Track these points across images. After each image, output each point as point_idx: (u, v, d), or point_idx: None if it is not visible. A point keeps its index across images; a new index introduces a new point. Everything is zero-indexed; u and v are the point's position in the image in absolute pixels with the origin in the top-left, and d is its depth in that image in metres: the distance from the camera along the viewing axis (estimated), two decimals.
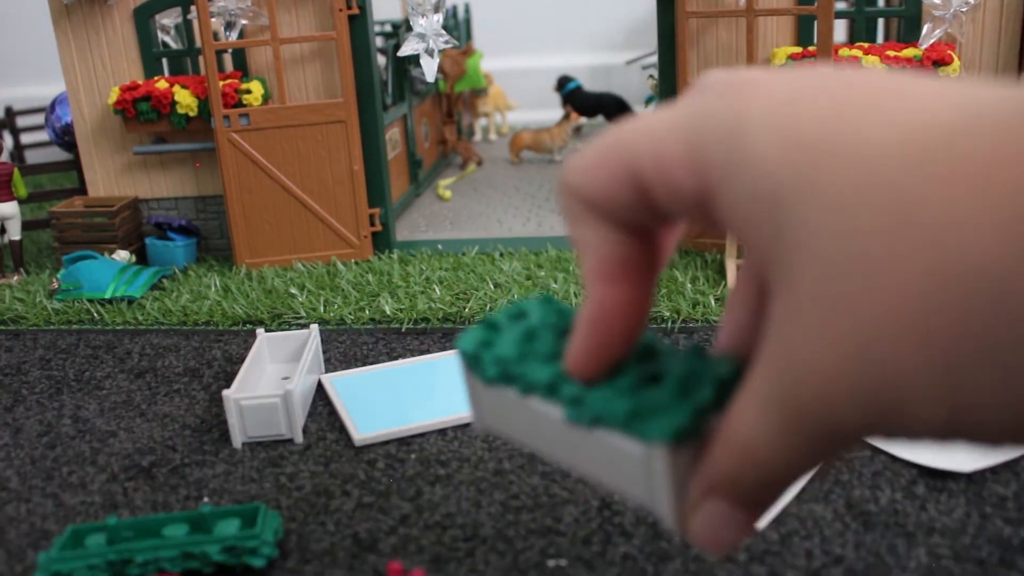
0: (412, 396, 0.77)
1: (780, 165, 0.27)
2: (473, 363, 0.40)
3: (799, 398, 0.27)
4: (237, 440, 0.71)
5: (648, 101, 1.62)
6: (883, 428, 0.25)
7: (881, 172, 0.25)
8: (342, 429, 0.73)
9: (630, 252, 0.33)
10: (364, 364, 0.86)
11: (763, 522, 0.55)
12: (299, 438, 0.71)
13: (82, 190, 1.27)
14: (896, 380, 0.24)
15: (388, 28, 1.54)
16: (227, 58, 1.22)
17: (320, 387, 0.81)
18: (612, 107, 1.83)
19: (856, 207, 0.25)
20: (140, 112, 1.14)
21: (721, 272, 1.01)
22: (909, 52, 1.02)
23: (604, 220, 0.33)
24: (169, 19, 1.26)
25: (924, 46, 1.02)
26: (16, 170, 1.18)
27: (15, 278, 1.16)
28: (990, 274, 0.23)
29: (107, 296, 1.05)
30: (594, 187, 0.32)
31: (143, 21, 1.17)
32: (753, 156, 0.28)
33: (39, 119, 1.80)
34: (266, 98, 1.16)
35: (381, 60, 1.30)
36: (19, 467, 0.70)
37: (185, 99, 1.14)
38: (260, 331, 0.84)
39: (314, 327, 0.83)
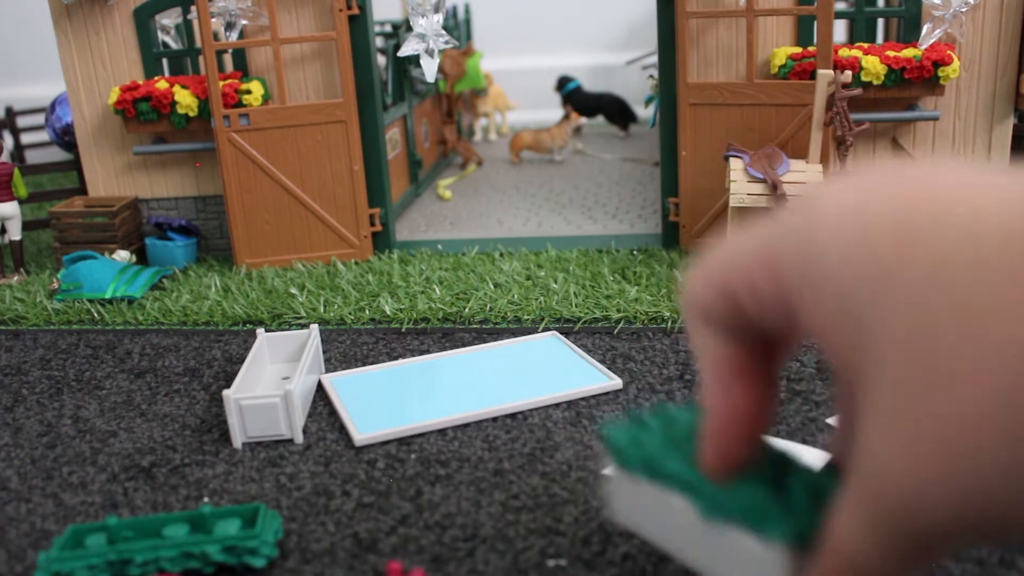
0: (412, 396, 0.77)
1: (851, 280, 0.28)
2: (619, 456, 0.43)
3: (888, 504, 0.27)
4: (237, 440, 0.71)
5: (648, 101, 1.62)
6: (978, 532, 0.26)
7: (948, 284, 0.26)
8: (342, 429, 0.73)
9: (741, 360, 0.35)
10: (364, 364, 0.86)
11: None
12: (299, 438, 0.71)
13: (82, 190, 1.27)
14: (984, 486, 0.25)
15: (388, 28, 1.54)
16: (227, 58, 1.22)
17: (320, 387, 0.81)
18: (612, 107, 1.83)
19: (928, 319, 0.26)
20: (140, 112, 1.14)
21: None
22: (909, 52, 1.02)
23: (716, 330, 0.35)
24: (169, 19, 1.26)
25: (924, 46, 1.02)
26: (16, 170, 1.18)
27: (15, 278, 1.16)
28: None
29: (107, 296, 1.05)
30: (703, 301, 0.34)
31: (143, 21, 1.17)
32: (826, 273, 0.29)
33: (39, 119, 1.80)
34: (266, 98, 1.16)
35: (381, 60, 1.30)
36: (19, 467, 0.71)
37: (185, 99, 1.14)
38: (260, 331, 0.84)
39: (314, 327, 0.83)
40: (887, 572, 0.29)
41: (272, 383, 0.81)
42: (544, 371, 0.80)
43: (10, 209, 1.17)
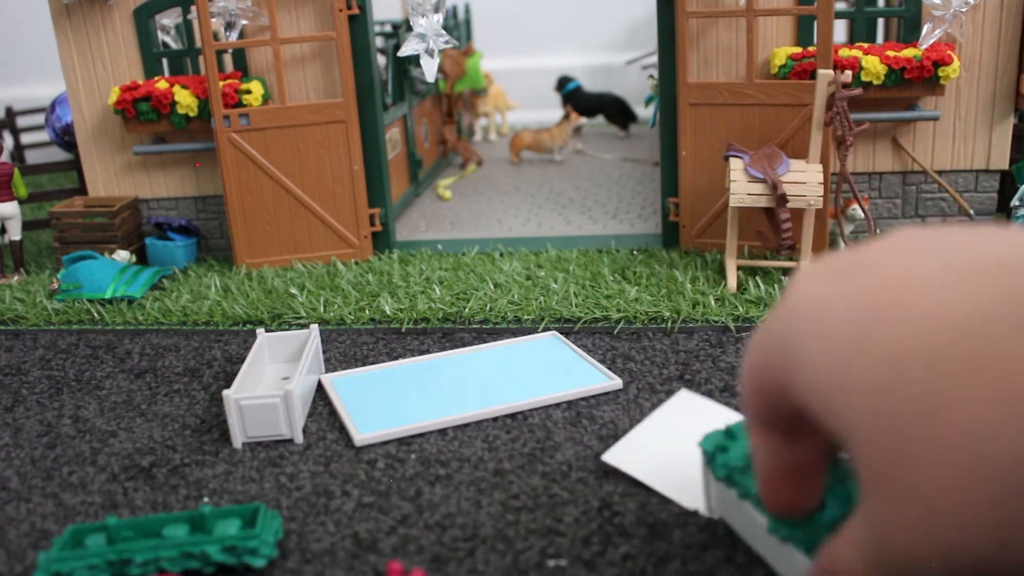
0: (412, 396, 0.77)
1: (824, 368, 0.32)
2: (709, 460, 0.52)
3: (880, 549, 0.31)
4: (237, 440, 0.71)
5: (648, 101, 1.62)
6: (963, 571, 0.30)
7: (906, 372, 0.29)
8: (342, 429, 0.73)
9: (791, 458, 0.40)
10: (364, 364, 0.86)
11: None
12: (299, 438, 0.71)
13: (82, 190, 1.27)
14: (958, 542, 0.28)
15: (388, 28, 1.54)
16: (227, 58, 1.22)
17: (320, 387, 0.81)
18: (612, 107, 1.83)
19: (890, 404, 0.29)
20: (140, 112, 1.14)
21: (721, 272, 1.01)
22: (909, 52, 1.02)
23: (768, 428, 0.40)
24: (169, 19, 1.26)
25: (924, 46, 1.02)
26: (16, 170, 1.18)
27: (15, 278, 1.16)
28: (1016, 468, 0.26)
29: (107, 296, 1.05)
30: (748, 400, 0.40)
31: (143, 21, 1.17)
32: (804, 362, 0.33)
33: (39, 119, 1.80)
34: (266, 98, 1.16)
35: (381, 60, 1.30)
36: (19, 467, 0.71)
37: (185, 99, 1.14)
38: (260, 331, 0.84)
39: (314, 327, 0.83)
40: None
41: (272, 383, 0.81)
42: (544, 371, 0.80)
43: (10, 209, 1.17)
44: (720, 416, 0.69)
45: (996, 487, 0.26)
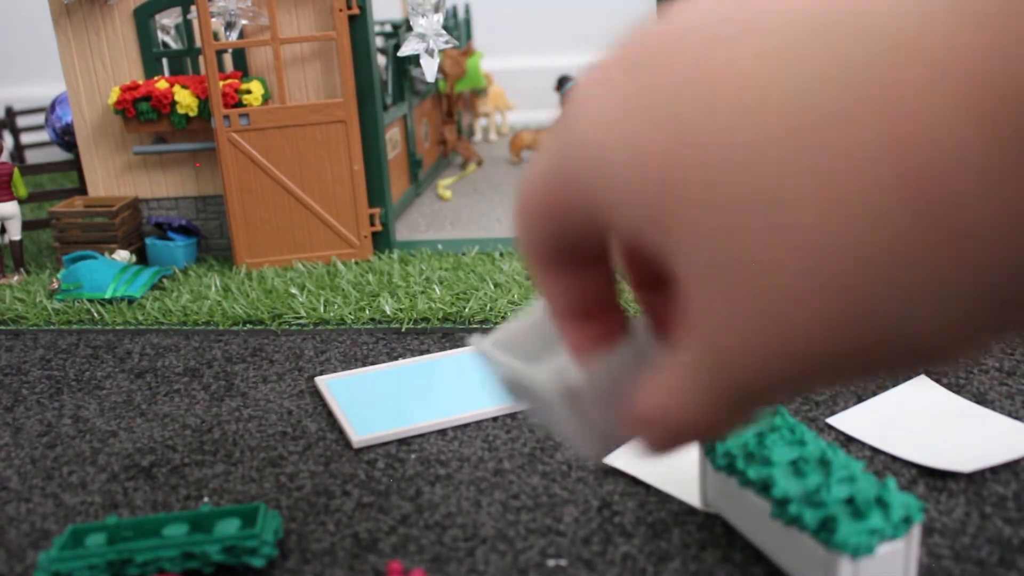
0: (412, 396, 0.77)
1: (641, 181, 0.28)
2: (708, 450, 0.51)
3: (720, 370, 0.29)
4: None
5: None
6: (801, 388, 0.29)
7: (738, 165, 0.25)
8: (342, 429, 0.73)
9: (582, 291, 0.35)
10: (364, 364, 0.86)
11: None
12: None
13: (82, 190, 1.27)
14: (803, 334, 0.26)
15: (388, 28, 1.54)
16: (227, 58, 1.22)
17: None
18: None
19: (724, 201, 0.26)
20: (140, 112, 1.14)
21: None
22: None
23: (549, 260, 0.35)
24: (169, 19, 1.26)
25: None
26: (16, 170, 1.18)
27: (15, 278, 1.16)
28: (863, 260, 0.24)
29: (107, 296, 1.05)
30: (528, 236, 0.34)
31: (143, 21, 1.17)
32: (611, 178, 0.29)
33: (39, 119, 1.80)
34: (266, 98, 1.16)
35: (381, 60, 1.30)
36: (19, 467, 0.71)
37: (185, 99, 1.14)
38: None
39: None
40: (715, 423, 0.30)
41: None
42: None
43: (10, 209, 1.17)
44: None
45: (842, 265, 0.24)
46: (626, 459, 0.64)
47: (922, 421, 0.66)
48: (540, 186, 0.32)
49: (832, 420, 0.67)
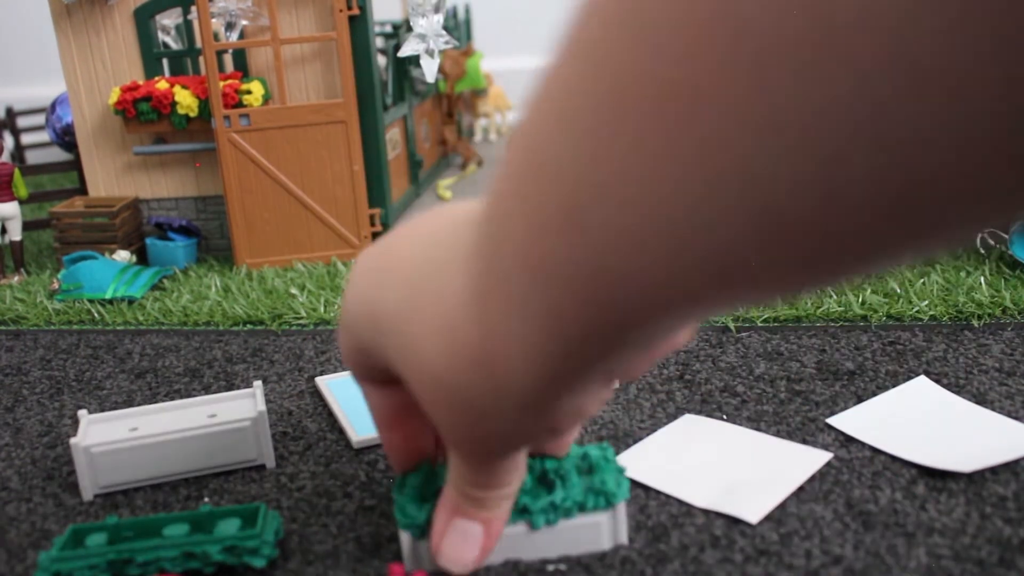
0: None
1: (364, 316, 0.45)
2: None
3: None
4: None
5: None
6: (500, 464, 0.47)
7: (397, 312, 0.42)
8: (342, 430, 0.73)
9: (389, 404, 0.52)
10: None
11: (756, 517, 0.56)
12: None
13: (83, 190, 1.27)
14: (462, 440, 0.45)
15: (388, 28, 1.54)
16: (227, 58, 1.22)
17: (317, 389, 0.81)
18: None
19: (392, 337, 0.43)
20: (140, 112, 1.14)
21: None
22: None
23: (362, 377, 0.52)
24: (169, 19, 1.26)
25: None
26: (17, 170, 1.18)
27: (16, 278, 1.16)
28: (445, 372, 0.40)
29: (108, 296, 1.05)
30: (344, 354, 0.50)
31: (144, 22, 1.17)
32: (355, 296, 0.47)
33: (40, 119, 1.80)
34: (266, 98, 1.16)
35: (381, 60, 1.30)
36: (19, 467, 0.71)
37: (185, 99, 1.14)
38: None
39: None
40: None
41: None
42: None
43: (10, 209, 1.17)
44: (731, 435, 0.69)
45: (438, 376, 0.40)
46: (625, 461, 0.64)
47: (922, 421, 0.66)
48: (341, 327, 0.48)
49: (832, 420, 0.67)
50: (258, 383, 0.71)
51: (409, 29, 1.12)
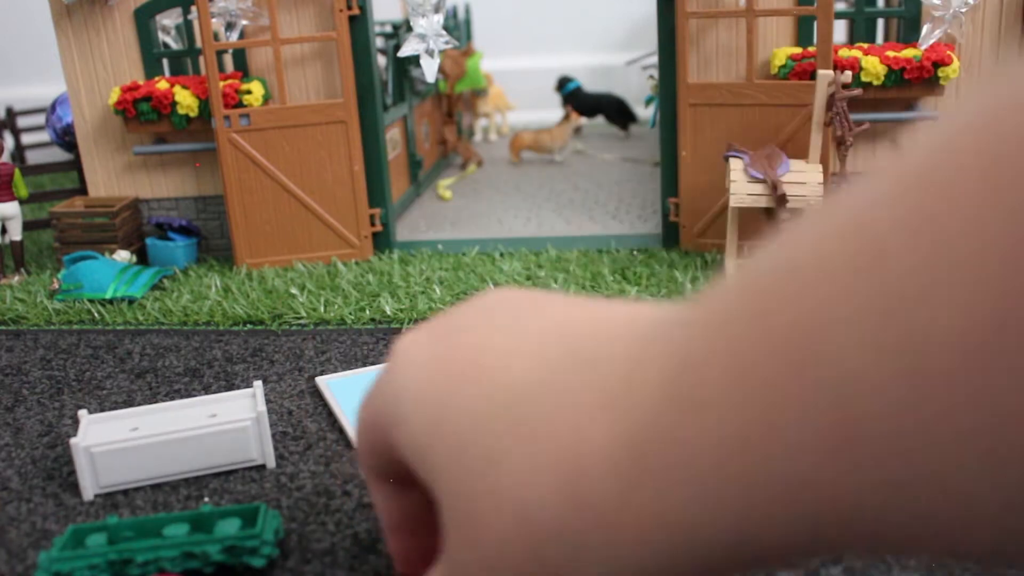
0: None
1: (419, 428, 0.35)
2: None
3: None
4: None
5: (648, 101, 1.62)
6: None
7: (476, 432, 0.33)
8: (342, 429, 0.73)
9: (401, 510, 0.43)
10: (364, 364, 0.86)
11: None
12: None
13: (83, 190, 1.27)
14: None
15: (388, 28, 1.54)
16: (227, 58, 1.22)
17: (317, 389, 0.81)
18: (612, 107, 1.83)
19: (464, 460, 0.33)
20: (141, 112, 1.15)
21: (721, 272, 1.01)
22: (909, 52, 1.02)
23: (379, 481, 0.43)
24: (170, 19, 1.26)
25: (924, 47, 1.02)
26: (17, 170, 1.18)
27: (16, 278, 1.16)
28: (552, 526, 0.30)
29: (108, 296, 1.05)
30: (362, 457, 0.43)
31: (144, 22, 1.17)
32: (405, 421, 0.37)
33: (40, 119, 1.80)
34: (266, 98, 1.16)
35: (381, 60, 1.30)
36: (20, 467, 0.71)
37: (186, 99, 1.14)
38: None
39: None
40: None
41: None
42: None
43: (11, 209, 1.17)
44: None
45: (536, 531, 0.30)
46: None
47: None
48: (368, 423, 0.40)
49: None
50: (258, 383, 0.71)
51: (409, 29, 1.12)
